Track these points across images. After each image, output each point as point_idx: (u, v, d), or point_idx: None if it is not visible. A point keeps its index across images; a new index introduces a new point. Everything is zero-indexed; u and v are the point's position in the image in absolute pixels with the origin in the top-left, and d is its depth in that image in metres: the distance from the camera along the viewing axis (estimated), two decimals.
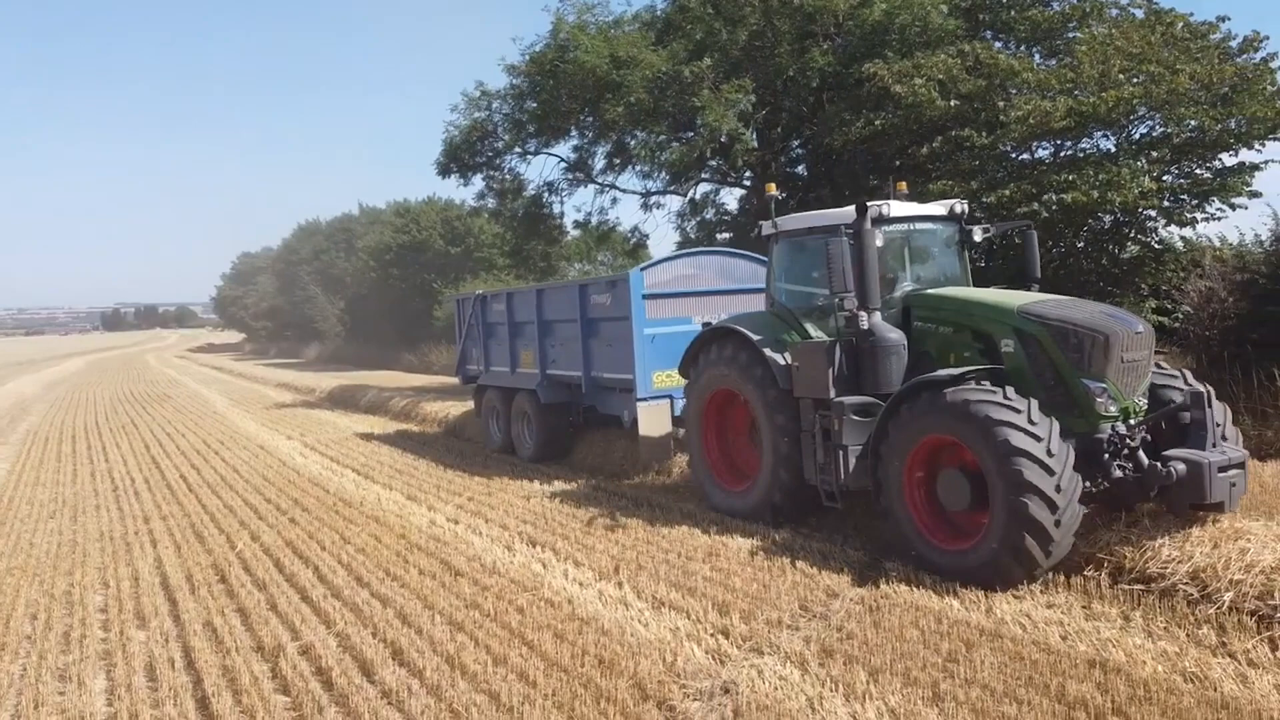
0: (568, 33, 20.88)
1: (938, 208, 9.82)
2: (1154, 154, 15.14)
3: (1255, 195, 15.37)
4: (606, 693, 5.92)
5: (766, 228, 10.34)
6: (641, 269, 12.82)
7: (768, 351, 9.64)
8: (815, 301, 9.92)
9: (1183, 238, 16.13)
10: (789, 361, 9.48)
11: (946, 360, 8.67)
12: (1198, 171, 15.45)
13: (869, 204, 9.03)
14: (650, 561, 8.78)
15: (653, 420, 12.48)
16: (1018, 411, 7.33)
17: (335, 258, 56.69)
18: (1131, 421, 7.87)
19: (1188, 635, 6.29)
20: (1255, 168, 15.45)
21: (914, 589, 7.50)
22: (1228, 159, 15.38)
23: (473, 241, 41.54)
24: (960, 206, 9.76)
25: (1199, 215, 15.56)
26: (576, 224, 25.76)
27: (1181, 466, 7.45)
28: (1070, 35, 17.35)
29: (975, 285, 10.05)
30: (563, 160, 24.42)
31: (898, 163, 17.70)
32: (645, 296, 12.58)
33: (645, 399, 12.50)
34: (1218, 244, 15.54)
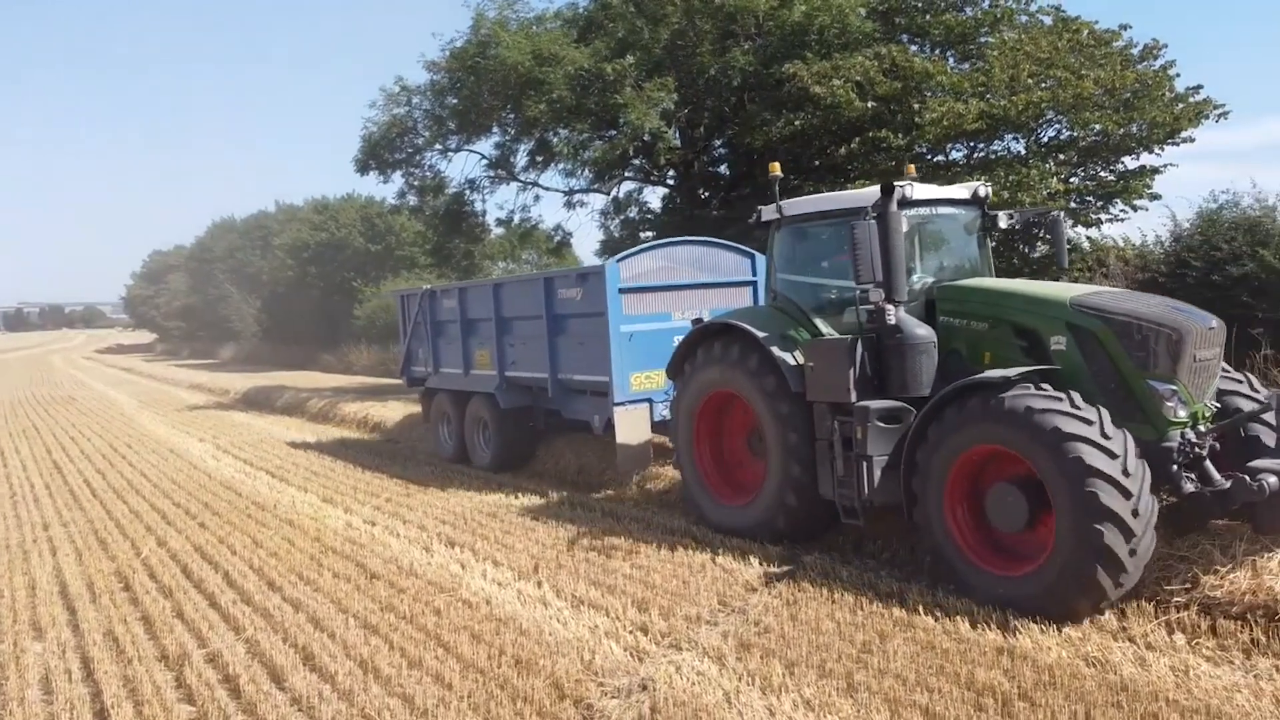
0: (489, 29, 20.66)
1: (961, 190, 8.84)
2: (1061, 156, 15.66)
3: (1155, 197, 16.01)
4: (523, 693, 5.85)
5: (767, 212, 9.30)
6: (618, 260, 11.60)
7: (775, 350, 8.53)
8: (825, 294, 8.94)
9: (1089, 238, 16.68)
10: (801, 362, 8.44)
11: (979, 359, 7.75)
12: (1102, 174, 16.04)
13: (895, 184, 8.02)
14: (570, 560, 8.73)
15: (631, 426, 11.42)
16: (1089, 424, 6.40)
17: (251, 256, 55.22)
18: (1201, 428, 6.93)
19: (1090, 621, 6.47)
20: (1155, 171, 16.08)
21: (831, 581, 7.59)
22: (1130, 162, 15.98)
23: (394, 240, 40.88)
24: (984, 189, 8.82)
25: (1104, 216, 16.13)
26: (499, 222, 25.53)
27: (1274, 480, 6.43)
28: (982, 40, 17.81)
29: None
30: (485, 158, 24.18)
31: (818, 163, 17.96)
32: (622, 290, 11.44)
33: (623, 403, 11.40)
34: (1121, 244, 16.11)
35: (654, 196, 24.56)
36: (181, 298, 69.05)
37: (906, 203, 8.17)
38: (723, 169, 22.37)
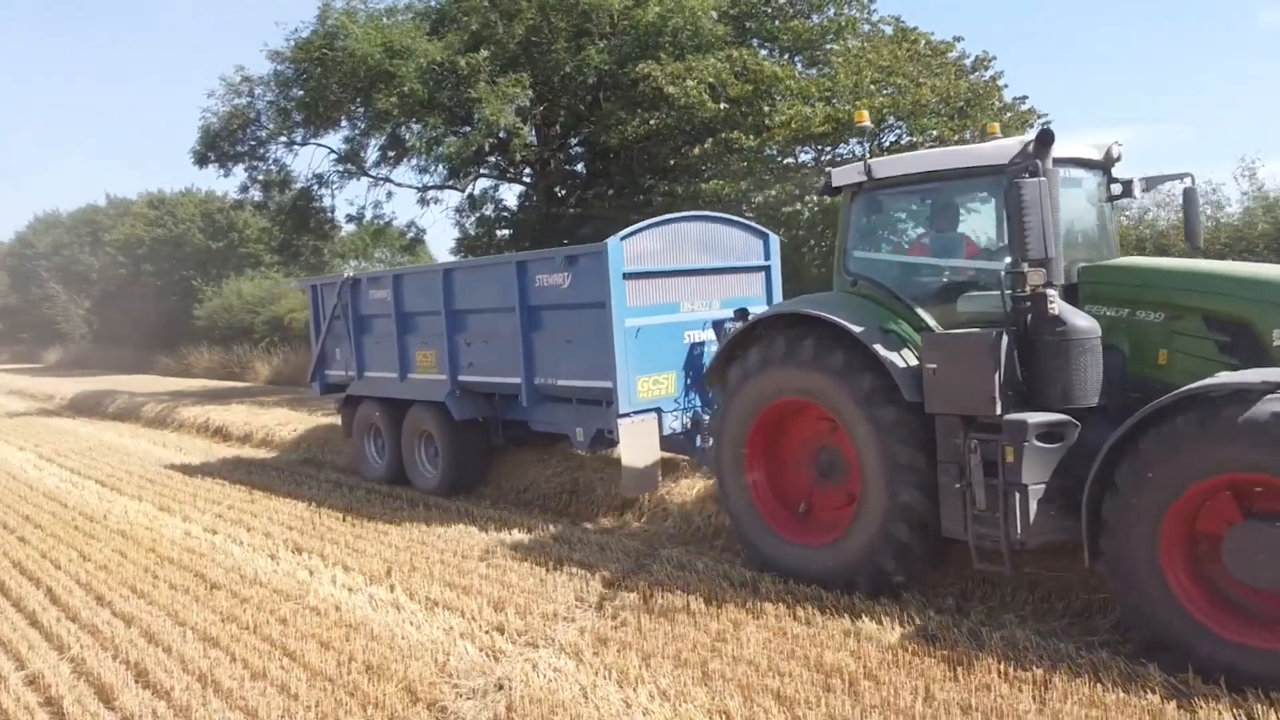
0: (336, 20, 20.03)
1: (1091, 150, 6.98)
2: None
3: (986, 201, 16.89)
4: (374, 699, 5.68)
5: (842, 175, 7.50)
6: (621, 238, 9.46)
7: (880, 349, 6.69)
8: (931, 277, 7.28)
9: None
10: (912, 363, 6.65)
11: (1153, 358, 6.29)
12: None
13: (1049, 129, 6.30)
14: (424, 562, 8.54)
15: (637, 442, 9.38)
16: None
17: (79, 253, 51.85)
18: None
19: (926, 601, 6.77)
20: None
21: (687, 574, 7.68)
22: None
23: (236, 236, 39.21)
24: (1117, 150, 7.06)
25: None
26: (349, 218, 24.77)
27: None
28: (828, 47, 18.40)
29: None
30: (333, 152, 23.42)
31: (672, 162, 18.19)
32: (626, 276, 9.45)
33: (628, 414, 9.40)
34: None
35: (510, 194, 24.42)
36: (0, 297, 64.19)
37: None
38: (579, 167, 22.38)
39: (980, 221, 7.48)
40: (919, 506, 6.55)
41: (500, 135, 19.17)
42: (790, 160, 17.21)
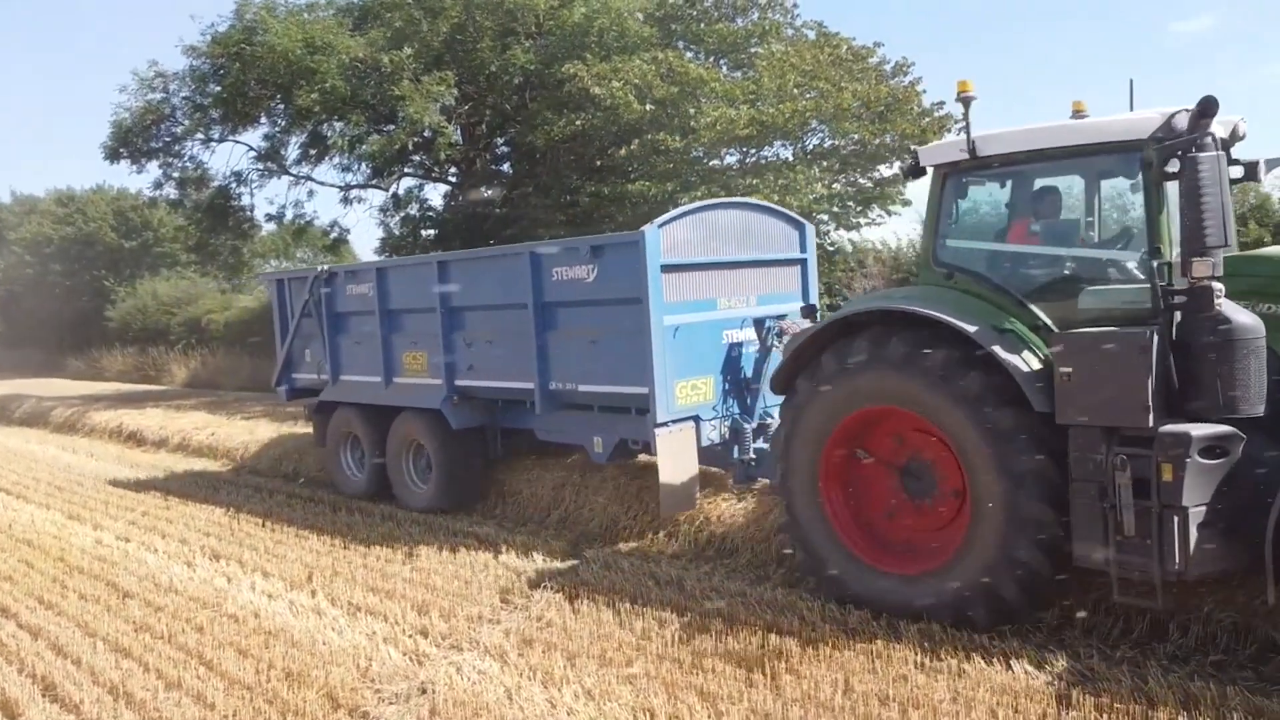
0: (255, 14, 19.60)
1: (1217, 126, 5.64)
2: (825, 163, 16.62)
3: (907, 204, 17.30)
4: (294, 706, 5.60)
5: (939, 153, 6.65)
6: (659, 225, 8.52)
7: (999, 351, 5.83)
8: (1048, 269, 6.46)
9: (850, 240, 17.83)
10: (1040, 367, 5.84)
11: None
12: (861, 181, 17.14)
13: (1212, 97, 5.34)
14: (346, 567, 8.43)
15: (676, 455, 8.42)
16: None
17: None
18: None
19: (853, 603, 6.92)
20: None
21: (613, 573, 7.71)
22: (885, 170, 17.19)
23: (151, 235, 38.04)
24: (1243, 127, 6.18)
25: (863, 220, 17.29)
26: (269, 217, 24.22)
27: None
28: (753, 50, 18.60)
29: None
30: (252, 149, 22.88)
31: (599, 163, 18.20)
32: (665, 269, 8.50)
33: (665, 423, 8.41)
34: (879, 246, 17.36)
35: (435, 193, 24.14)
36: None
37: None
38: (505, 167, 22.25)
39: (1104, 205, 6.70)
40: (1048, 525, 5.70)
41: (425, 134, 18.96)
42: (716, 162, 17.37)
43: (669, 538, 8.66)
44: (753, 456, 8.70)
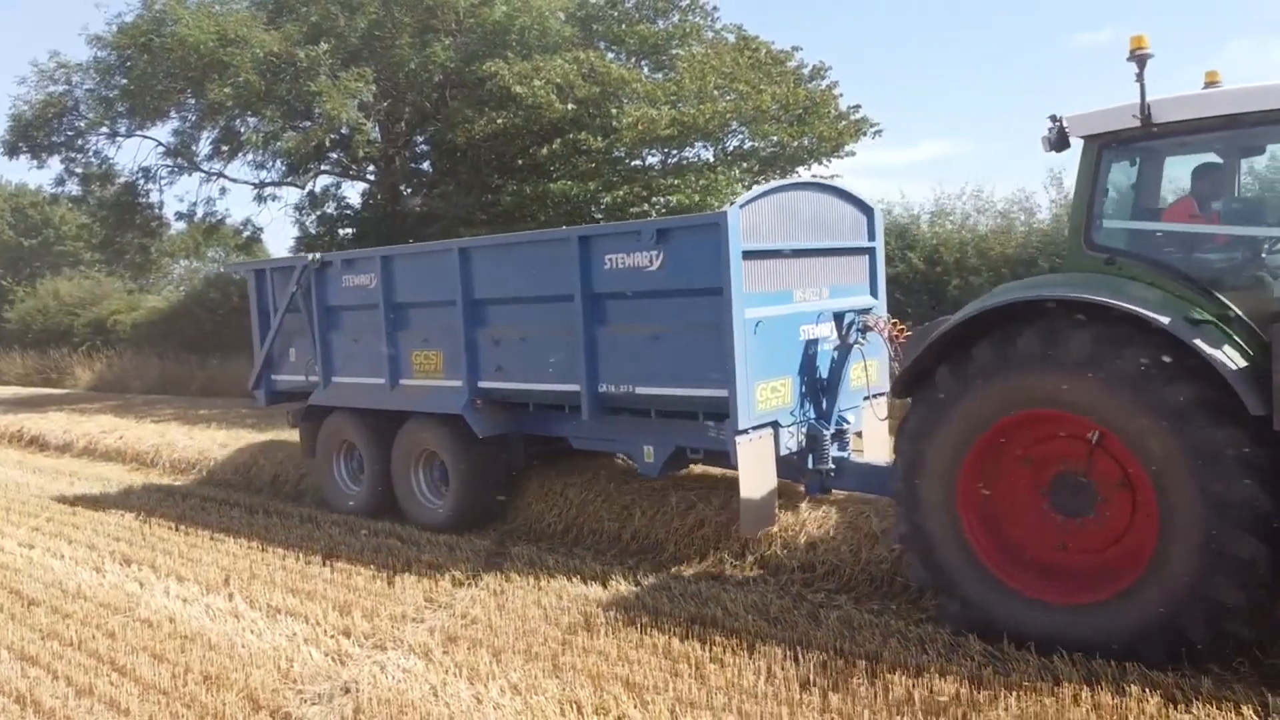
0: (164, 4, 19.05)
1: None
2: (745, 164, 16.88)
3: None
4: (213, 709, 5.49)
5: (1098, 121, 5.82)
6: (741, 205, 7.55)
7: (1202, 345, 5.00)
8: (1237, 253, 5.71)
9: None
10: (1248, 364, 5.07)
11: None
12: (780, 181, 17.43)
13: None
14: (265, 569, 8.27)
15: (757, 465, 7.48)
16: None
17: None
18: None
19: (767, 585, 7.06)
20: None
21: (538, 570, 7.72)
22: (804, 172, 17.52)
23: (52, 233, 36.67)
24: None
25: None
26: (179, 215, 23.58)
27: None
28: (674, 52, 18.79)
29: None
30: (161, 144, 22.25)
31: (520, 161, 18.15)
32: (745, 255, 7.50)
33: (746, 430, 7.41)
34: None
35: (353, 192, 23.77)
36: None
37: None
38: (425, 165, 22.04)
39: None
40: (1259, 561, 4.90)
41: (342, 131, 18.66)
42: (638, 162, 17.49)
43: (593, 536, 8.71)
44: (831, 466, 7.83)
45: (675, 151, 17.14)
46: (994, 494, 5.84)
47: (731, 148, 17.22)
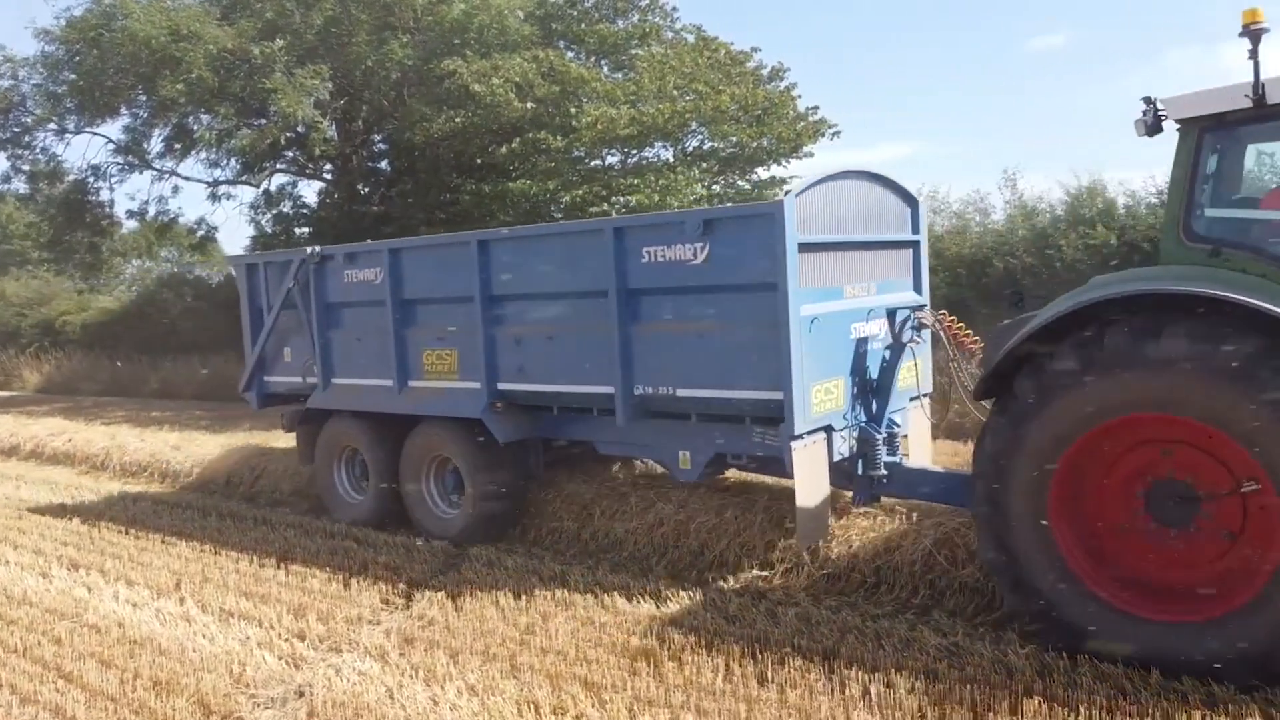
0: None
1: None
2: (704, 165, 16.93)
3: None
4: (163, 715, 5.39)
5: (1203, 102, 5.36)
6: (796, 194, 7.08)
7: None
8: None
9: None
10: None
11: None
12: (739, 182, 17.51)
13: None
14: (218, 573, 8.14)
15: (811, 472, 7.12)
16: None
17: None
18: None
19: (726, 582, 7.08)
20: (783, 182, 17.84)
21: (496, 570, 7.68)
22: (763, 173, 17.62)
23: None
24: None
25: None
26: (130, 214, 23.18)
27: None
28: (634, 52, 18.79)
29: None
30: (112, 141, 21.85)
31: (479, 161, 18.06)
32: (802, 248, 7.03)
33: (801, 435, 7.02)
34: None
35: (310, 190, 23.51)
36: None
37: None
38: (383, 164, 21.85)
39: None
40: None
41: (298, 129, 18.45)
42: (597, 162, 17.46)
43: (551, 536, 8.68)
44: (884, 472, 7.44)
45: (635, 151, 17.13)
46: (1090, 506, 5.47)
47: (691, 148, 17.25)
